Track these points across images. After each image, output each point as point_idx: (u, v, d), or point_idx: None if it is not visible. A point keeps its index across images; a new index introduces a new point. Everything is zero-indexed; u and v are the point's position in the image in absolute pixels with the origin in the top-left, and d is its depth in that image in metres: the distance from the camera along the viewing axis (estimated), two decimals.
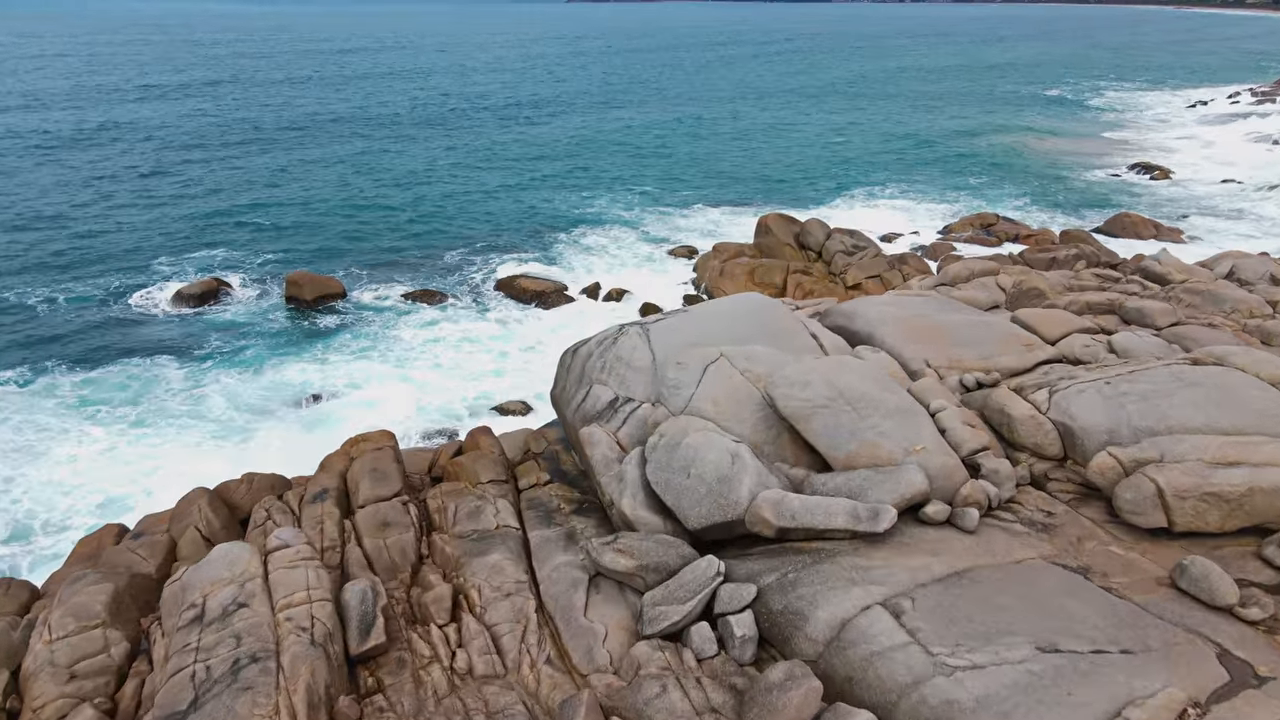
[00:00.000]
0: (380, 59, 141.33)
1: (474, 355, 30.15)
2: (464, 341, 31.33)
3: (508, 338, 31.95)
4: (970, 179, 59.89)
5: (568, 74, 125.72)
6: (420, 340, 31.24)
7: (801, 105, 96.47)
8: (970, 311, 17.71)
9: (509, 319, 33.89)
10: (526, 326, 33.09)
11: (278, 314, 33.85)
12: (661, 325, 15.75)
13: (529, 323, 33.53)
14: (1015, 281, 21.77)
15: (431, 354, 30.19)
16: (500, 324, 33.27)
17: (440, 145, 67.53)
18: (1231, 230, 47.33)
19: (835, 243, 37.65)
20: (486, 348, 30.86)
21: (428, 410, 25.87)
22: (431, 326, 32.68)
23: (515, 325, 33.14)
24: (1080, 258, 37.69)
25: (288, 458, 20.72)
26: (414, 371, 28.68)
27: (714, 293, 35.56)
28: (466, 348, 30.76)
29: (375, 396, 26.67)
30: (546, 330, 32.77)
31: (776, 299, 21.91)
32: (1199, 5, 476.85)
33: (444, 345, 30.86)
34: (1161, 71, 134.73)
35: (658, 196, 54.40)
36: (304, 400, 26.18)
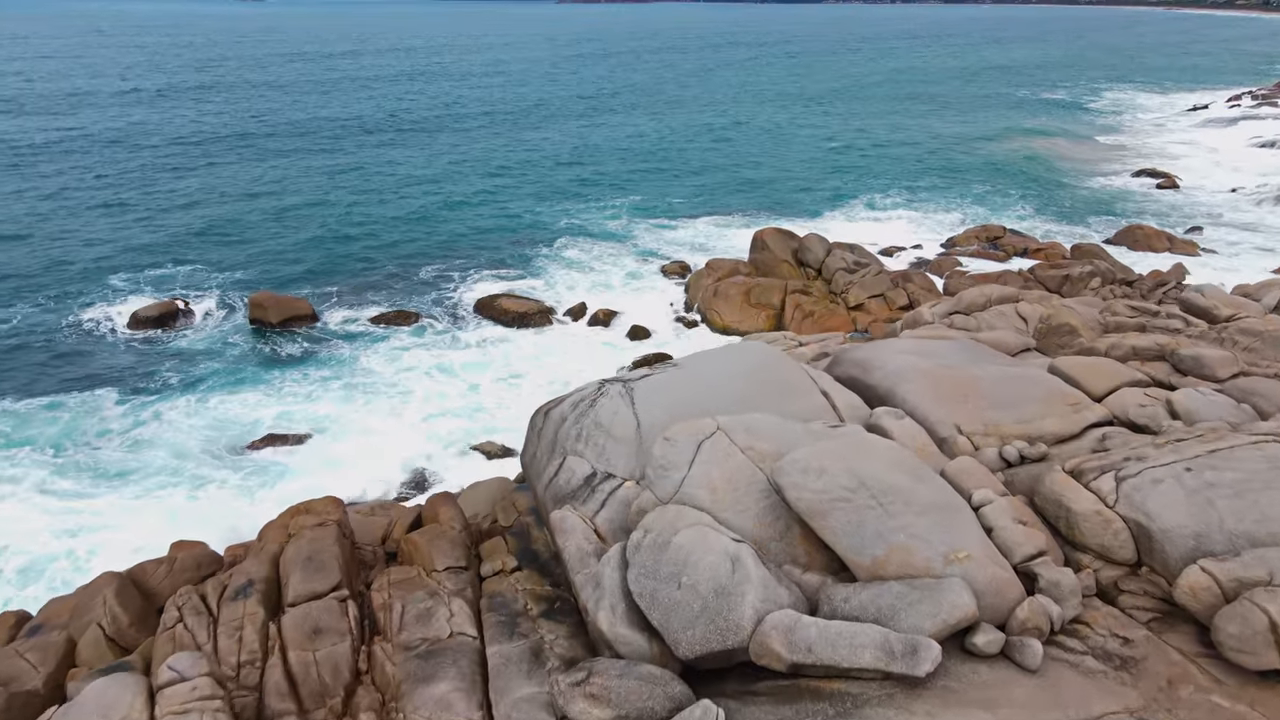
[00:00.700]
0: (365, 63, 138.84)
1: (448, 387, 27.86)
2: (438, 371, 29.02)
3: (486, 365, 29.66)
4: (973, 186, 57.84)
5: (557, 78, 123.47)
6: (390, 370, 28.91)
7: (795, 109, 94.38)
8: (1001, 359, 15.51)
9: (488, 344, 31.61)
10: (507, 352, 30.81)
11: (239, 339, 31.51)
12: (647, 384, 13.50)
13: (510, 348, 31.24)
14: (1042, 315, 19.59)
15: (402, 386, 27.87)
16: (479, 350, 30.98)
17: (422, 153, 65.18)
18: (1247, 243, 45.34)
19: (836, 259, 35.48)
20: (463, 378, 28.56)
21: (392, 455, 23.55)
22: (403, 354, 30.36)
23: (495, 351, 30.84)
24: (1095, 274, 35.62)
25: (229, 516, 18.46)
26: (381, 407, 26.36)
27: (707, 315, 33.36)
28: (440, 378, 28.45)
29: (335, 439, 24.36)
30: (529, 357, 30.50)
31: (779, 347, 19.73)
32: (1190, 6, 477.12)
33: (416, 375, 28.54)
34: (1158, 73, 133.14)
35: (647, 206, 52.19)
36: (254, 444, 23.84)
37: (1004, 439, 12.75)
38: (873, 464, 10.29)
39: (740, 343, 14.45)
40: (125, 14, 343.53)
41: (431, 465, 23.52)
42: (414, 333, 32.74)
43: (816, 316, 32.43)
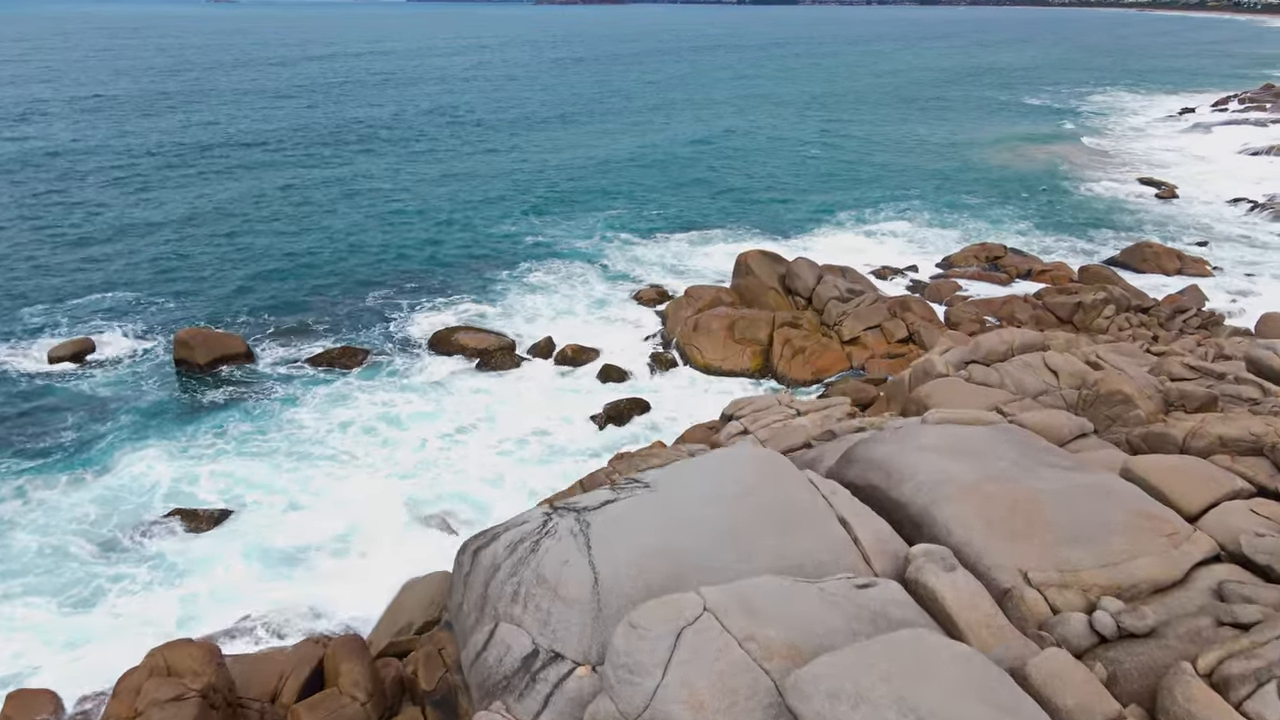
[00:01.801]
0: (331, 68, 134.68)
1: (394, 444, 24.36)
2: (383, 423, 25.51)
3: (438, 415, 26.17)
4: (965, 197, 54.96)
5: (530, 84, 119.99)
6: (329, 424, 25.36)
7: (776, 115, 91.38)
8: (1057, 457, 12.27)
9: (443, 388, 28.12)
10: (463, 399, 27.33)
11: (157, 384, 27.85)
12: (609, 516, 10.17)
13: (467, 394, 27.77)
14: (1088, 380, 16.42)
15: (340, 443, 24.35)
16: (431, 396, 27.48)
17: (384, 167, 61.36)
18: (1257, 261, 42.65)
19: (827, 287, 32.30)
20: (411, 432, 25.07)
21: (320, 535, 20.08)
22: (345, 402, 26.80)
23: (449, 399, 27.35)
24: (1109, 301, 32.73)
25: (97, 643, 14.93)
26: (314, 471, 22.84)
27: (687, 351, 30.06)
28: (385, 432, 24.96)
29: (256, 515, 20.85)
30: (489, 405, 27.04)
31: (774, 417, 16.46)
32: (1165, 8, 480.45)
33: (356, 431, 25.00)
34: (1142, 76, 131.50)
35: (620, 221, 48.85)
36: (154, 522, 20.26)
37: (1087, 591, 9.52)
38: (933, 689, 7.01)
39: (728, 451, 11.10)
40: (92, 15, 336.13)
41: (368, 546, 20.06)
42: (361, 374, 29.21)
43: (808, 353, 29.23)
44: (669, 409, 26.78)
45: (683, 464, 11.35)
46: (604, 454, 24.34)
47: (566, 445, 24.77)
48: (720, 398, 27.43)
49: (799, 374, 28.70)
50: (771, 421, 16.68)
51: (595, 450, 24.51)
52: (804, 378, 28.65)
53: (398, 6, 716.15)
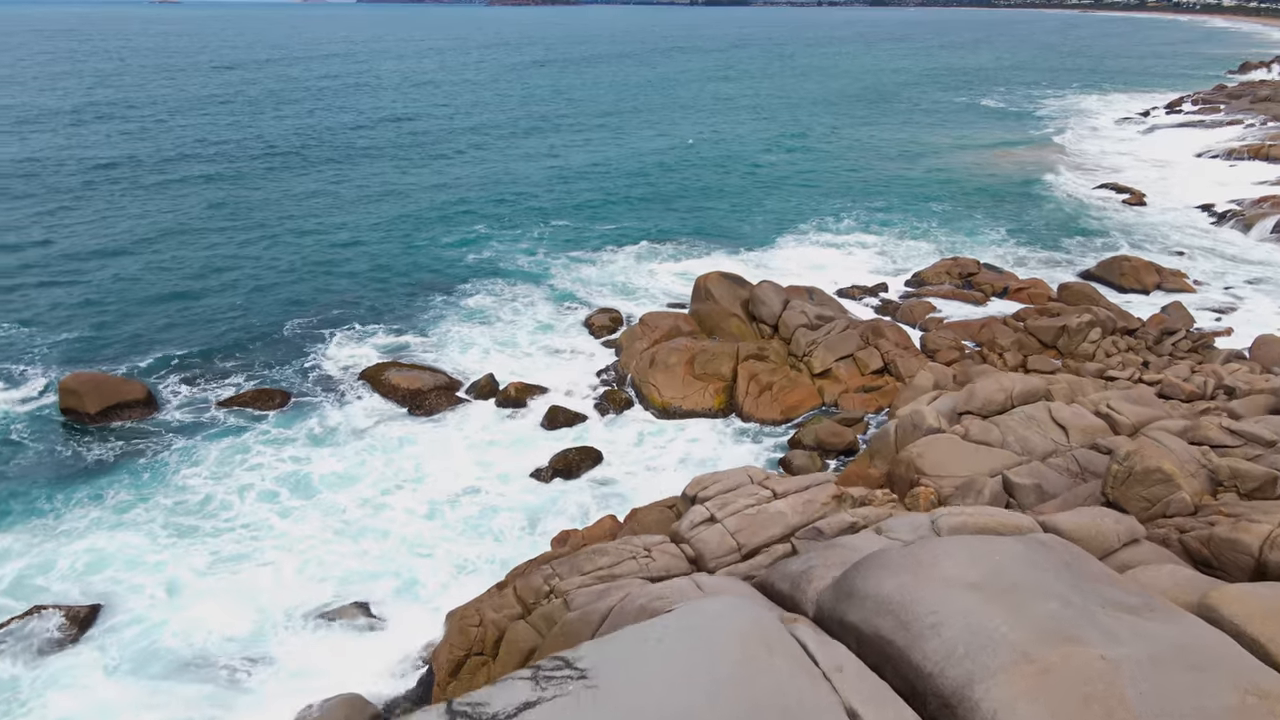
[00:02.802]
0: (270, 73, 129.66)
1: (303, 514, 21.06)
2: (297, 488, 22.20)
3: (357, 478, 22.88)
4: (932, 205, 52.82)
5: (480, 89, 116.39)
6: (230, 488, 22.00)
7: (733, 119, 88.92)
8: (1118, 589, 9.52)
9: (368, 439, 24.86)
10: (391, 454, 24.10)
11: (33, 440, 24.24)
12: None
13: (395, 446, 24.54)
14: (1102, 438, 13.79)
15: (241, 514, 21.00)
16: (353, 450, 24.20)
17: (319, 180, 57.42)
18: (1235, 274, 40.94)
19: (794, 314, 29.62)
20: (324, 498, 21.80)
21: (206, 642, 16.79)
22: (251, 459, 23.39)
23: (378, 451, 24.10)
24: (1094, 324, 30.48)
25: None
26: (205, 551, 19.49)
27: (643, 390, 27.15)
28: (293, 500, 21.63)
29: (128, 616, 17.49)
30: (418, 459, 23.86)
31: (746, 501, 13.59)
32: (1107, 9, 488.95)
33: (258, 497, 21.65)
34: (1099, 77, 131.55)
35: (566, 234, 45.83)
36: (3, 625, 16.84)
37: None
38: None
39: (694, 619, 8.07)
40: (28, 17, 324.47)
41: (264, 650, 16.83)
42: (278, 420, 25.86)
43: (775, 390, 26.49)
44: (623, 461, 23.85)
45: (634, 638, 8.33)
46: (549, 517, 21.41)
47: (505, 507, 21.71)
48: (680, 444, 24.65)
49: (766, 413, 25.96)
50: (743, 507, 13.87)
51: (537, 513, 21.50)
52: (772, 417, 25.90)
53: (347, 7, 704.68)
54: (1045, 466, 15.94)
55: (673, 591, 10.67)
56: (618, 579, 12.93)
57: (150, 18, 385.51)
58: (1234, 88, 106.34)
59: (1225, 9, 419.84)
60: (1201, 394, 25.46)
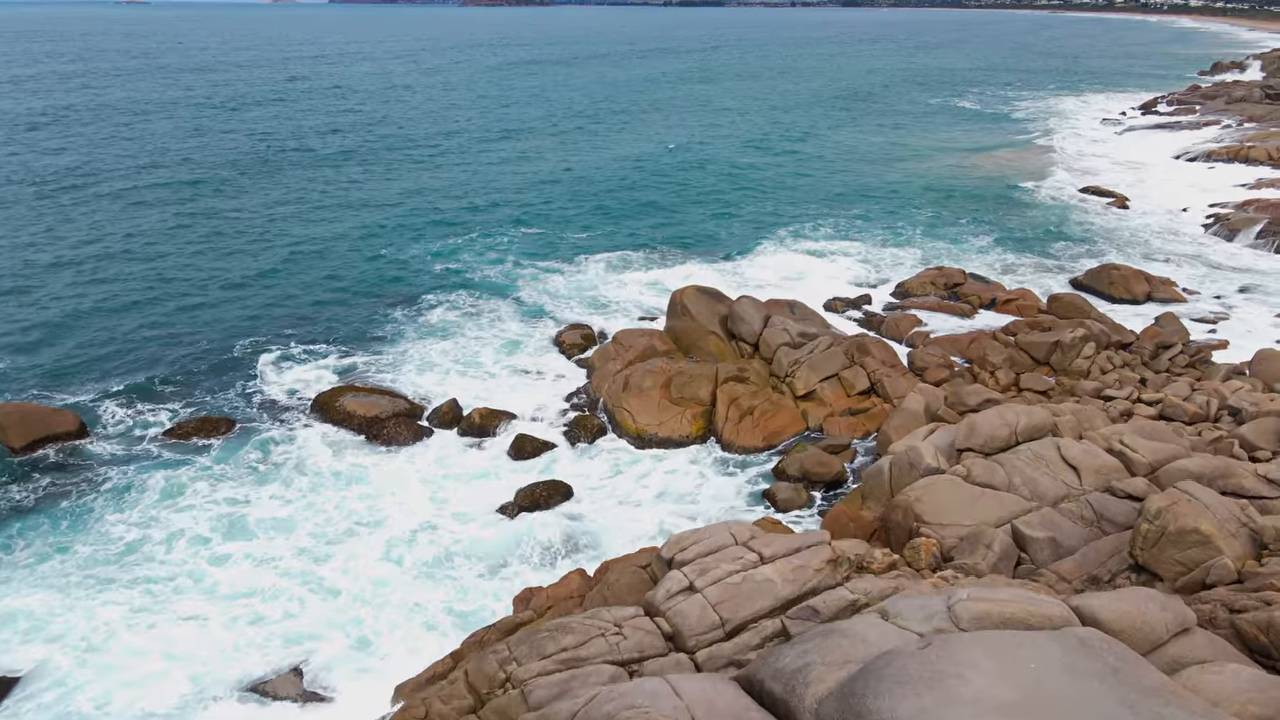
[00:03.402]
0: (235, 76, 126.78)
1: (240, 566, 19.12)
2: (232, 532, 20.26)
3: (305, 518, 20.99)
4: (914, 210, 51.52)
5: (452, 92, 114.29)
6: (153, 536, 19.99)
7: (709, 121, 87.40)
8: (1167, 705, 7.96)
9: (320, 472, 22.98)
10: (346, 489, 22.22)
11: None
12: None
13: (351, 479, 22.67)
14: (1149, 506, 12.27)
15: (161, 566, 18.99)
16: (304, 484, 22.33)
17: (282, 190, 54.89)
18: (1224, 281, 39.88)
19: (776, 331, 28.03)
20: (261, 545, 19.85)
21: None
22: (183, 500, 21.41)
23: (328, 488, 22.21)
24: (1088, 339, 29.13)
25: None
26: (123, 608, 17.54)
27: (616, 415, 25.45)
28: (231, 548, 19.69)
29: (35, 693, 15.55)
30: (373, 495, 22.01)
31: (728, 575, 11.94)
32: (1075, 9, 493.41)
33: (185, 545, 19.67)
34: (1070, 77, 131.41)
35: (536, 243, 44.08)
36: None
37: None
38: None
39: None
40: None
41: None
42: (220, 452, 23.90)
43: (757, 414, 24.89)
44: (595, 496, 22.15)
45: None
46: (514, 561, 19.69)
47: (467, 551, 19.94)
48: (657, 477, 22.99)
49: (748, 440, 24.36)
50: (726, 574, 12.22)
51: (502, 556, 19.76)
52: (753, 444, 24.31)
53: (319, 8, 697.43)
54: (1058, 514, 14.44)
55: (646, 697, 9.01)
56: (584, 662, 11.25)
57: (116, 18, 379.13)
58: (1208, 88, 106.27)
59: (1192, 9, 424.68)
60: (1205, 415, 24.17)
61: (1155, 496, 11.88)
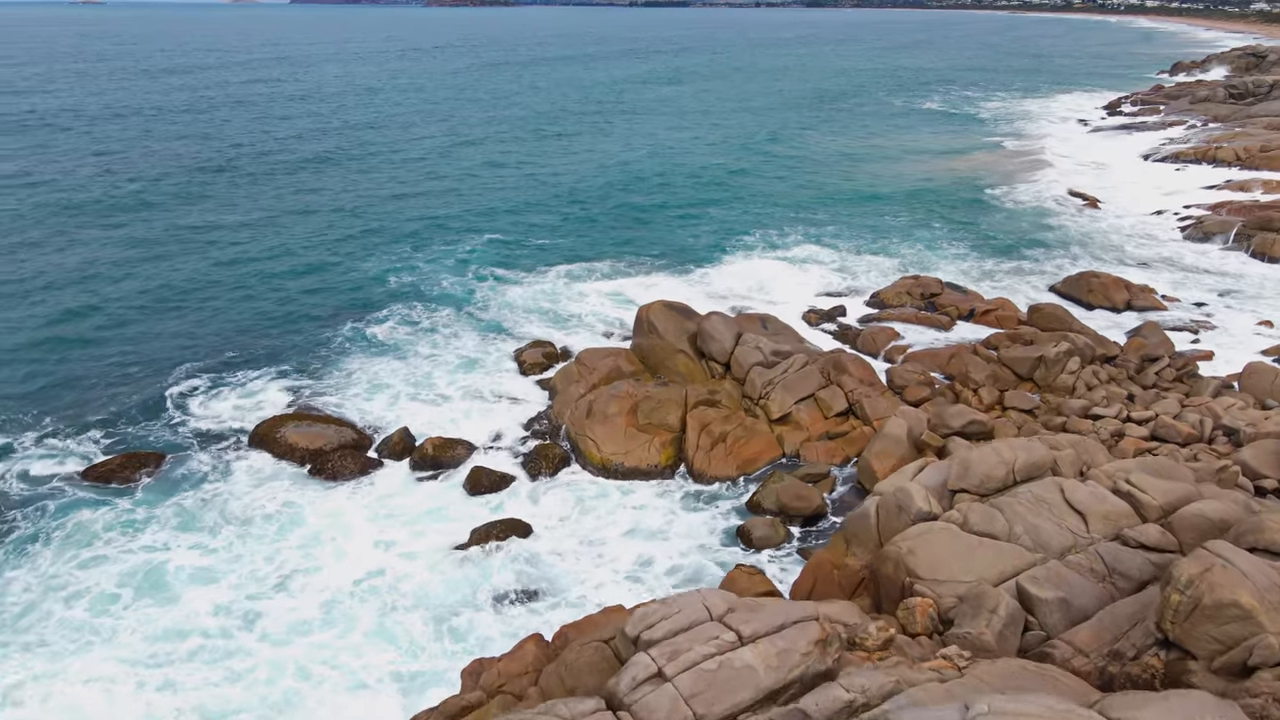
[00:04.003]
0: (187, 81, 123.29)
1: (151, 629, 17.13)
2: (145, 588, 18.20)
3: (231, 569, 19.00)
4: (885, 215, 50.33)
5: (415, 95, 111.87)
6: (54, 595, 17.94)
7: (674, 123, 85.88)
8: None
9: (255, 514, 21.00)
10: (282, 535, 20.27)
11: None
12: None
13: (288, 522, 20.72)
14: (1179, 575, 10.79)
15: (57, 630, 16.97)
16: (234, 530, 20.35)
17: (222, 200, 51.50)
18: (1202, 286, 39.03)
19: (748, 350, 26.48)
20: (183, 604, 17.85)
21: None
22: (81, 555, 19.31)
23: (261, 534, 20.24)
24: (1072, 353, 27.89)
25: None
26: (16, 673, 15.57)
27: (579, 444, 23.74)
28: (143, 609, 17.66)
29: None
30: (314, 539, 20.09)
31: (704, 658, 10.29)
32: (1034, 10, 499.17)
33: (87, 606, 17.62)
34: (1036, 78, 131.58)
35: (495, 253, 42.23)
36: None
37: None
38: None
39: None
40: None
41: None
42: (145, 494, 21.82)
43: (730, 441, 23.31)
44: (557, 535, 20.42)
45: None
46: (466, 612, 17.94)
47: (414, 604, 18.12)
48: (624, 514, 21.31)
49: (720, 469, 22.77)
50: (701, 658, 10.58)
51: (452, 608, 17.98)
52: (726, 474, 22.73)
53: (280, 8, 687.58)
54: (1065, 568, 12.97)
55: None
56: None
57: (71, 19, 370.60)
58: (1171, 88, 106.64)
59: (1148, 9, 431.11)
60: (1199, 436, 23.00)
61: (1185, 562, 10.44)
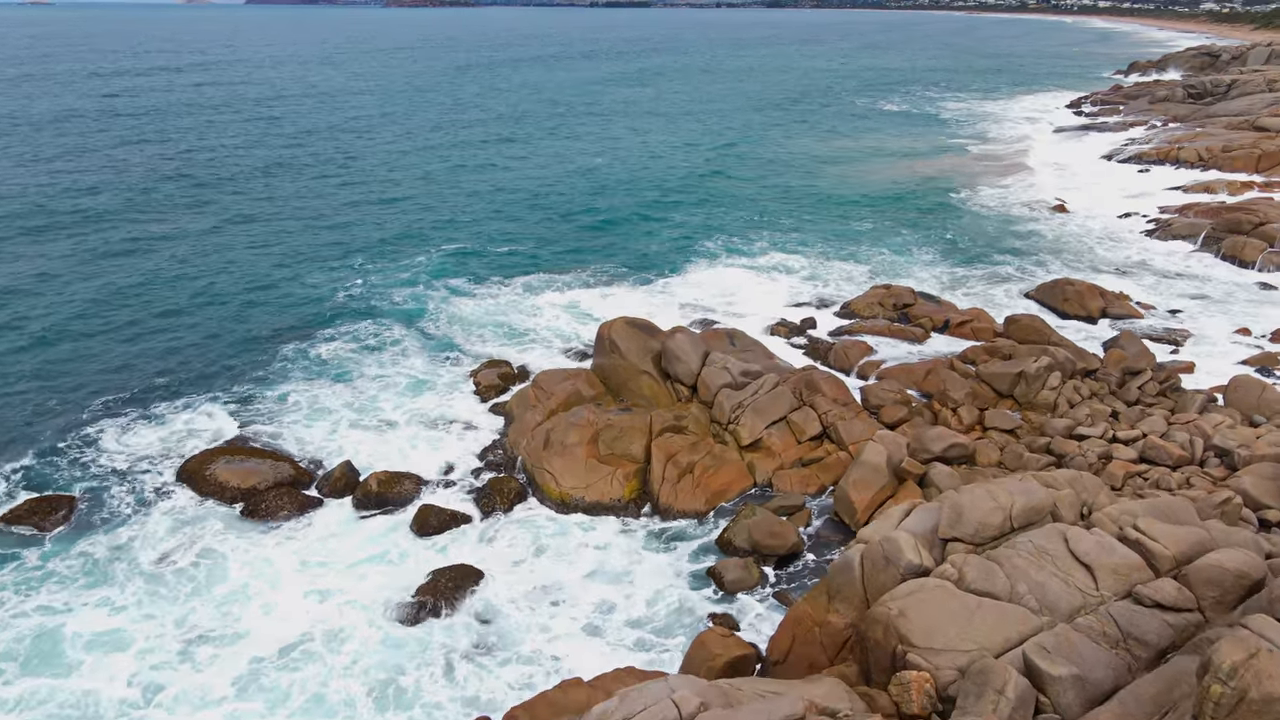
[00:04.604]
0: (131, 85, 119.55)
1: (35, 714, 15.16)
2: (34, 659, 16.13)
3: (136, 635, 17.02)
4: (853, 222, 49.17)
5: (368, 97, 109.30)
6: None
7: (636, 125, 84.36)
8: None
9: (171, 566, 19.00)
10: (200, 592, 18.30)
11: None
12: None
13: (208, 575, 18.77)
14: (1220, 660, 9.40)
15: None
16: (144, 586, 18.34)
17: (160, 214, 48.98)
18: (1175, 291, 38.28)
19: (715, 371, 24.95)
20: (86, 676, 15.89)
21: None
22: None
23: (176, 590, 18.27)
24: (1052, 368, 26.73)
25: None
26: None
27: (536, 476, 22.05)
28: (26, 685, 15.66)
29: None
30: (238, 596, 18.17)
31: None
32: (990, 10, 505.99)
33: None
34: (998, 79, 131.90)
35: (449, 264, 40.36)
36: None
37: None
38: None
39: None
40: None
41: None
42: (51, 547, 19.68)
43: (698, 471, 21.77)
44: (511, 583, 18.70)
45: None
46: (408, 683, 16.16)
47: (350, 672, 16.31)
48: (587, 555, 19.69)
49: (687, 503, 21.20)
50: None
51: (393, 676, 16.20)
52: (695, 508, 21.17)
53: (235, 9, 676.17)
54: (1076, 634, 11.58)
55: None
56: None
57: (19, 20, 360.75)
58: (1130, 88, 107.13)
59: (1101, 9, 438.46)
60: (1190, 457, 21.90)
61: (1225, 646, 9.07)
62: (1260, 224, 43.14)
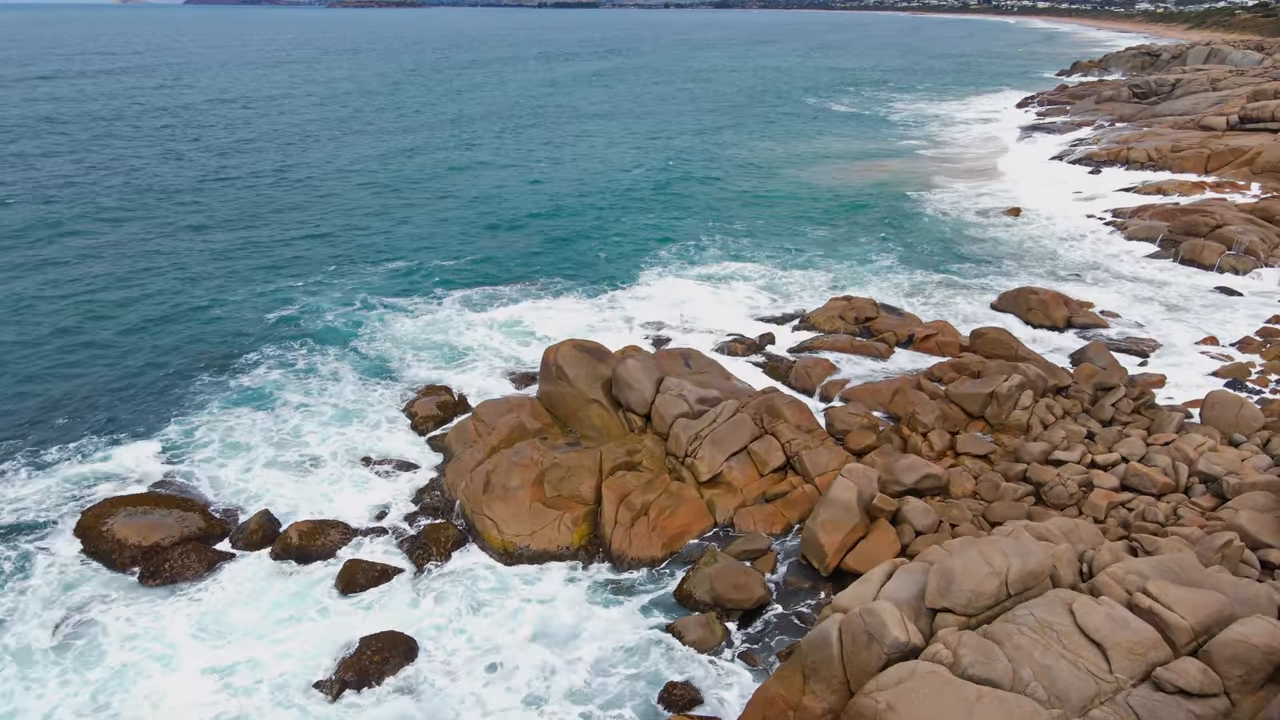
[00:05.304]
0: (64, 89, 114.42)
1: None
2: None
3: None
4: (807, 227, 47.75)
5: (308, 101, 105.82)
6: None
7: (583, 128, 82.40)
8: None
9: (49, 645, 16.61)
10: (82, 669, 15.96)
11: None
12: None
13: (96, 653, 16.38)
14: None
15: None
16: (11, 670, 15.96)
17: (75, 229, 46.24)
18: (1136, 295, 37.47)
19: (670, 399, 23.13)
20: None
21: None
22: None
23: (42, 679, 15.89)
24: (1024, 386, 25.41)
25: None
26: None
27: (476, 523, 20.00)
28: None
29: None
30: (127, 678, 15.85)
31: None
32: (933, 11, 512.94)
33: None
34: (944, 79, 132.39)
35: (386, 279, 37.97)
36: None
37: None
38: None
39: None
40: None
41: None
42: None
43: (654, 513, 19.91)
44: (446, 652, 16.66)
45: None
46: None
47: None
48: (531, 612, 17.73)
49: (643, 549, 19.33)
50: None
51: None
52: (650, 555, 19.31)
53: (173, 9, 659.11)
54: None
55: None
56: None
57: None
58: (1076, 88, 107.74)
59: (1040, 10, 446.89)
60: (1175, 484, 20.63)
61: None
62: (1217, 226, 42.65)
